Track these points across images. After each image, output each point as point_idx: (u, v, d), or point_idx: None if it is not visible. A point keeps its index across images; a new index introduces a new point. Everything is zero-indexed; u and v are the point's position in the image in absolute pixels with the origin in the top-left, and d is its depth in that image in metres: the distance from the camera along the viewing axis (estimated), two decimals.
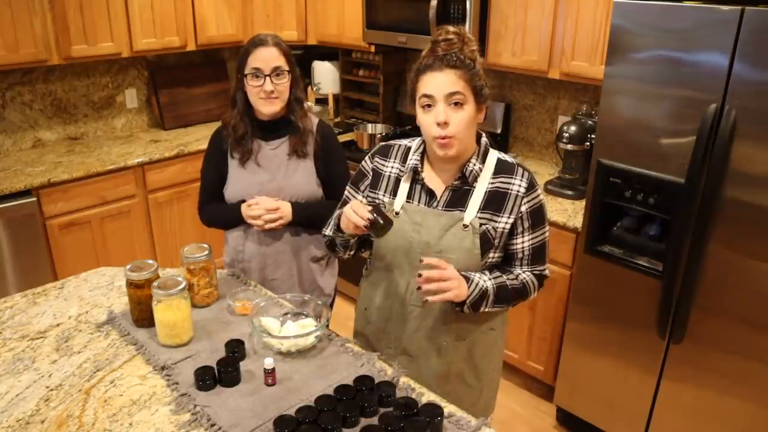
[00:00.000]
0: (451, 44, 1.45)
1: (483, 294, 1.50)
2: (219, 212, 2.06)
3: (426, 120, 1.46)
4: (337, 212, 1.69)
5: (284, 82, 1.91)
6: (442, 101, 1.43)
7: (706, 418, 2.21)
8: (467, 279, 1.48)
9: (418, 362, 1.66)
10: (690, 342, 2.18)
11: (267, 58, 1.87)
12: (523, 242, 1.57)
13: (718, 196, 2.00)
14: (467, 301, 1.49)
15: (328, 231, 1.71)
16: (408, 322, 1.64)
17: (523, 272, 1.59)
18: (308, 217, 2.00)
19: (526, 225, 1.55)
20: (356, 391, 1.39)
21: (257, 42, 1.89)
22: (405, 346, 1.66)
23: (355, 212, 1.46)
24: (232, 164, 2.00)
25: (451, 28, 1.48)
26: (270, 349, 1.59)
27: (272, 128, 1.98)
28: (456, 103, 1.43)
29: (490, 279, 1.53)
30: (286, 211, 1.96)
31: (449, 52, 1.44)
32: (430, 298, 1.45)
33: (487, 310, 1.54)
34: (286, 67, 1.91)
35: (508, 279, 1.56)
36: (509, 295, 1.56)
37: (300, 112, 1.98)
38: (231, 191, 2.02)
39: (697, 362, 2.18)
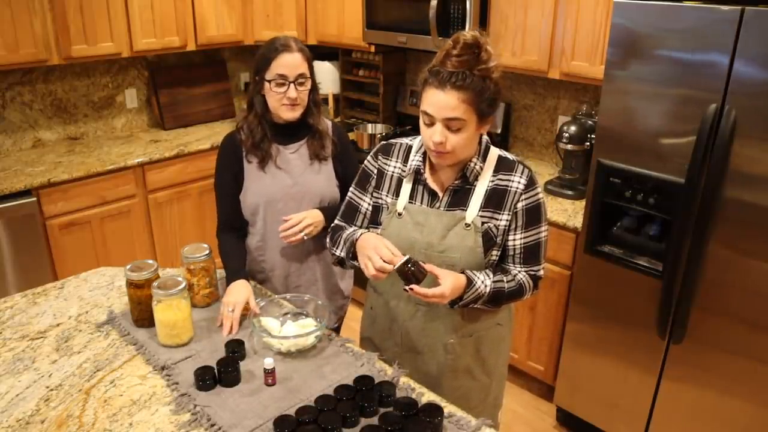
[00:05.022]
0: (462, 61, 1.37)
1: (477, 298, 1.50)
2: (233, 254, 1.93)
3: (425, 132, 1.45)
4: (346, 234, 1.63)
5: (306, 89, 1.85)
6: (440, 122, 1.40)
7: (706, 418, 2.21)
8: (469, 281, 1.48)
9: (424, 358, 1.66)
10: (690, 342, 2.18)
11: (292, 64, 1.79)
12: (514, 239, 1.55)
13: (718, 196, 2.00)
14: (459, 303, 1.49)
15: (340, 252, 1.64)
16: (413, 321, 1.64)
17: (519, 272, 1.57)
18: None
19: (520, 223, 1.54)
20: (356, 391, 1.39)
21: (281, 47, 1.80)
22: (411, 344, 1.66)
23: (382, 259, 1.43)
24: (250, 169, 1.91)
25: (468, 38, 1.37)
26: (270, 349, 1.59)
27: (290, 132, 1.92)
28: (454, 128, 1.40)
29: (491, 284, 1.51)
30: (317, 218, 1.88)
31: (458, 71, 1.36)
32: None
33: (477, 306, 1.54)
34: (309, 74, 1.85)
35: (506, 281, 1.55)
36: (503, 299, 1.55)
37: (317, 116, 1.92)
38: (251, 196, 1.92)
39: (697, 362, 2.18)
